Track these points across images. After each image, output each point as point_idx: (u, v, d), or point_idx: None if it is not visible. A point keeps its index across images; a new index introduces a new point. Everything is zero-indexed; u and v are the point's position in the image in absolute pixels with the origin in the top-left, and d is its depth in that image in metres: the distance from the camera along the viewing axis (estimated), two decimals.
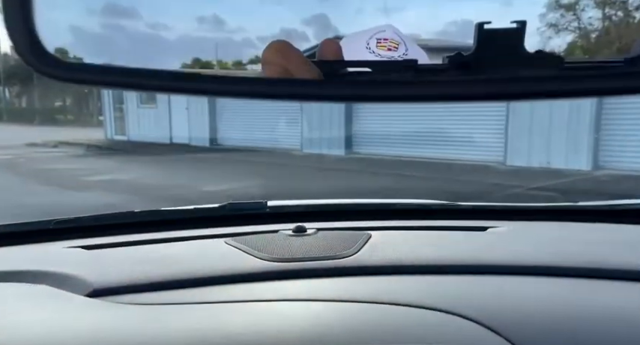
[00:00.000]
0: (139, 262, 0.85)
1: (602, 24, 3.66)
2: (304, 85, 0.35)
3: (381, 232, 1.01)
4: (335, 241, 0.94)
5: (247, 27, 5.02)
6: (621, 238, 1.02)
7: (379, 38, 1.07)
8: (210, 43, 5.93)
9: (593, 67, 0.39)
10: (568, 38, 3.92)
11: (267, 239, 0.96)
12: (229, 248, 0.93)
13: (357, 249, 0.90)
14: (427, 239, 1.00)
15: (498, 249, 0.92)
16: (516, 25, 0.35)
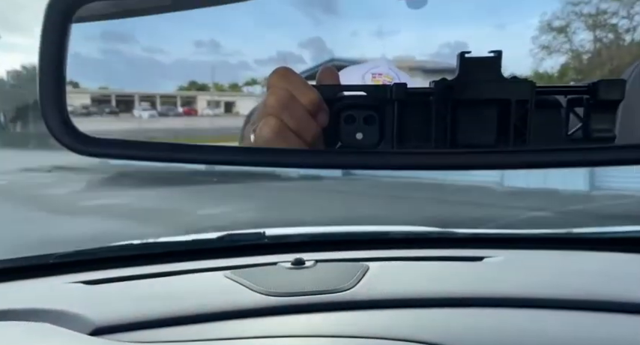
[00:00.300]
0: (139, 299, 0.86)
1: (593, 46, 3.81)
2: (302, 154, 0.39)
3: (378, 263, 1.03)
4: (333, 273, 0.96)
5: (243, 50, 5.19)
6: (617, 268, 1.04)
7: (374, 73, 1.11)
8: (207, 66, 6.04)
9: (562, 92, 0.43)
10: (561, 60, 4.07)
11: (266, 272, 0.97)
12: (229, 282, 0.94)
13: (355, 282, 0.91)
14: (424, 271, 1.01)
15: (495, 281, 0.94)
16: (493, 54, 0.39)
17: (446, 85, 0.39)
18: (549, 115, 0.42)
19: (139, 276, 1.00)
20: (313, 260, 1.03)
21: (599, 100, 0.41)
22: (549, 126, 0.42)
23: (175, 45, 1.02)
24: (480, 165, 0.39)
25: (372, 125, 0.40)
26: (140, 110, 6.25)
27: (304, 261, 1.01)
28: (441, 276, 0.97)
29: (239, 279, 0.94)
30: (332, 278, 0.93)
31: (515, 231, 1.22)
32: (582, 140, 0.43)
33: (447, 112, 0.39)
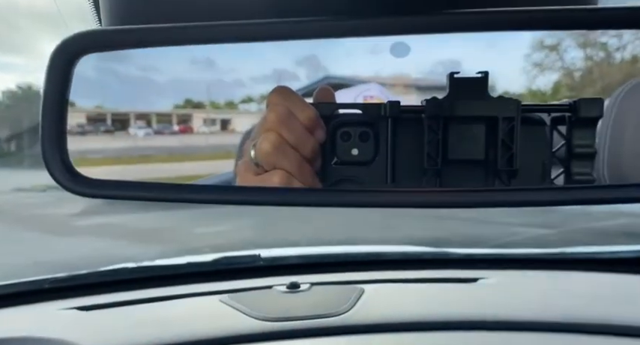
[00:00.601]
0: (133, 325, 0.86)
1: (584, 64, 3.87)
2: (303, 193, 0.40)
3: (373, 285, 1.03)
4: (328, 297, 0.96)
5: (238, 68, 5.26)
6: (611, 289, 1.05)
7: (366, 95, 1.13)
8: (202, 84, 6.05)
9: (545, 110, 0.45)
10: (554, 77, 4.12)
11: (262, 297, 0.97)
12: (224, 307, 0.94)
13: (350, 306, 0.91)
14: (419, 293, 1.01)
15: (489, 303, 0.94)
16: (481, 75, 0.42)
17: (437, 103, 0.41)
18: (534, 131, 0.44)
19: (133, 301, 0.99)
20: (308, 283, 1.03)
21: (580, 117, 0.43)
22: (535, 142, 0.43)
23: (170, 63, 1.04)
24: (470, 204, 0.40)
25: (367, 141, 0.42)
26: (136, 128, 6.26)
27: (299, 284, 1.01)
28: (436, 299, 0.97)
29: (234, 304, 0.94)
30: (327, 302, 0.93)
31: (509, 251, 1.22)
32: (568, 181, 0.45)
33: (439, 129, 0.41)
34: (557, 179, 0.46)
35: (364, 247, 1.30)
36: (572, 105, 0.44)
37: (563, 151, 0.45)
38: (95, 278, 1.08)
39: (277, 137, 0.40)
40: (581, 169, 0.44)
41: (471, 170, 0.42)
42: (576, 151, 0.44)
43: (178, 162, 5.24)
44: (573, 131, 0.44)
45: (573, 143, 0.44)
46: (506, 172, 0.42)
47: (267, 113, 0.41)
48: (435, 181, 0.42)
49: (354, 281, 1.05)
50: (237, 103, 5.40)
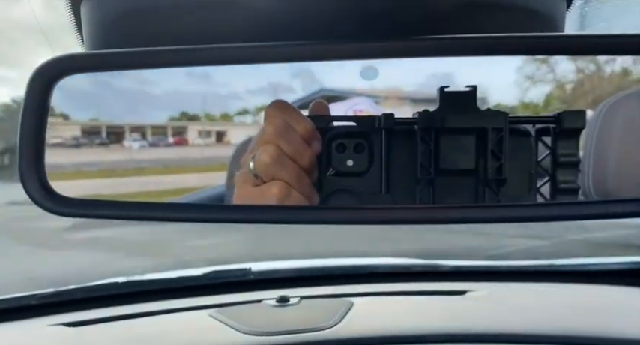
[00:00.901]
0: (122, 341, 0.86)
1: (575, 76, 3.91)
2: (297, 211, 0.41)
3: (362, 298, 1.03)
4: (318, 310, 0.96)
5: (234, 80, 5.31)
6: (602, 301, 1.05)
7: (356, 109, 1.15)
8: (197, 96, 6.06)
9: (532, 122, 0.47)
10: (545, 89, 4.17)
11: (251, 311, 0.97)
12: (213, 322, 0.94)
13: (339, 319, 0.91)
14: (407, 306, 1.02)
15: (477, 316, 0.95)
16: (469, 88, 0.43)
17: (429, 115, 0.43)
18: (521, 142, 0.45)
19: (121, 316, 0.99)
20: (298, 297, 1.03)
21: (564, 129, 0.45)
22: (521, 152, 0.45)
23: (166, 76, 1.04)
24: (464, 220, 0.41)
25: (362, 153, 0.44)
26: (130, 141, 6.26)
27: (289, 298, 1.01)
28: (424, 312, 0.97)
29: (223, 318, 0.94)
30: (316, 316, 0.93)
31: (498, 263, 1.23)
32: (553, 189, 0.47)
33: (431, 140, 0.43)
34: (542, 188, 0.48)
35: (354, 260, 1.30)
36: (557, 117, 0.46)
37: (547, 161, 0.47)
38: (83, 293, 1.08)
39: (276, 149, 0.41)
40: (566, 178, 0.46)
41: (463, 179, 0.44)
42: (561, 160, 0.46)
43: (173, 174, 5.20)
44: (558, 142, 0.46)
45: (558, 153, 0.46)
46: (496, 181, 0.44)
47: (266, 126, 0.42)
48: (428, 190, 0.44)
49: (343, 294, 1.05)
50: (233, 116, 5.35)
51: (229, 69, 0.50)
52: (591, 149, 0.63)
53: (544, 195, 0.48)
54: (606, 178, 0.62)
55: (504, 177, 0.43)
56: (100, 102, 1.71)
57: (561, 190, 0.47)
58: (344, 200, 0.45)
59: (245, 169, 0.43)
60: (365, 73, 0.42)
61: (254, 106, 2.27)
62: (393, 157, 0.44)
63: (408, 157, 0.43)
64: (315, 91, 1.45)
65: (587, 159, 0.63)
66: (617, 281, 1.13)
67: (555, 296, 1.08)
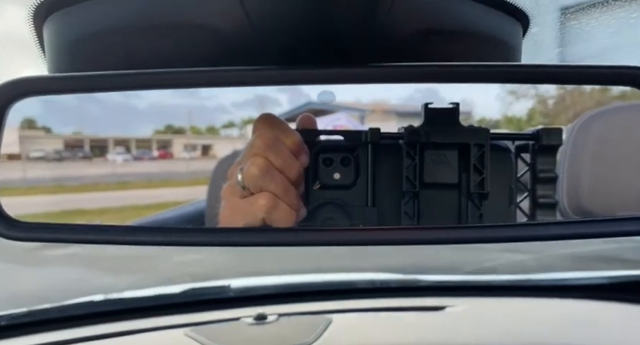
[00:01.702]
0: None
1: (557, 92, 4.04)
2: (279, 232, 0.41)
3: (341, 315, 1.03)
4: (295, 328, 0.95)
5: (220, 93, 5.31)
6: (581, 316, 1.06)
7: (335, 124, 1.17)
8: (183, 109, 6.09)
9: (512, 138, 0.49)
10: (528, 104, 4.27)
11: (228, 329, 0.96)
12: (188, 341, 0.92)
13: (317, 337, 0.90)
14: (386, 323, 1.01)
15: (455, 332, 0.95)
16: (452, 105, 0.45)
17: (413, 130, 0.44)
18: (501, 157, 0.47)
19: (98, 337, 0.97)
20: (276, 314, 1.02)
21: (542, 145, 0.47)
22: (502, 167, 0.46)
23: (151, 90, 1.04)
24: (449, 241, 0.42)
25: (348, 166, 0.44)
26: (114, 154, 6.18)
27: (267, 316, 1.00)
28: (403, 328, 0.97)
29: (199, 337, 0.92)
30: (294, 333, 0.92)
31: (477, 278, 1.23)
32: (533, 203, 0.48)
33: (416, 154, 0.44)
34: (522, 202, 0.49)
35: (333, 275, 1.29)
36: (535, 134, 0.48)
37: (526, 176, 0.48)
38: (58, 313, 1.05)
39: (264, 161, 0.42)
40: (545, 192, 0.48)
41: (446, 193, 0.45)
42: (540, 175, 0.48)
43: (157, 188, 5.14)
44: (537, 158, 0.48)
45: (537, 168, 0.48)
46: (478, 194, 0.45)
47: (254, 139, 0.43)
48: (412, 203, 0.45)
49: (322, 311, 1.05)
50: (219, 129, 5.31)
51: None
52: (565, 166, 0.64)
53: (523, 210, 0.50)
54: (580, 195, 0.63)
55: (487, 191, 0.44)
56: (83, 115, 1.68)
57: (540, 205, 0.48)
58: (330, 212, 0.45)
59: (233, 181, 0.43)
60: (322, 96, 0.43)
61: (241, 119, 2.22)
62: (378, 170, 0.44)
63: (394, 171, 0.44)
64: (302, 104, 1.46)
65: (561, 176, 0.64)
66: (596, 296, 1.14)
67: (534, 311, 1.08)
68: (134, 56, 0.40)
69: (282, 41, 0.39)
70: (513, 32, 0.46)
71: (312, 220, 0.44)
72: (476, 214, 0.45)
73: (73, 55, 0.40)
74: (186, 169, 5.73)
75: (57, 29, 0.40)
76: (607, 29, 0.55)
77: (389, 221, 0.45)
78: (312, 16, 0.37)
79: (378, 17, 0.37)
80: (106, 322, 1.03)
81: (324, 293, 1.17)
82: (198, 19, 0.37)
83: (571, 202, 0.63)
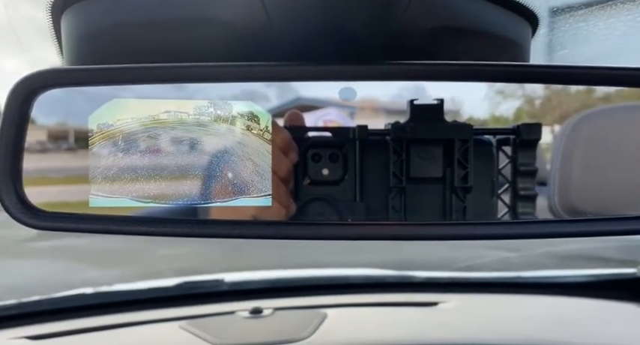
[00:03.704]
0: None
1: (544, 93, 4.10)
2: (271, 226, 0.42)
3: (336, 309, 1.03)
4: (291, 322, 0.95)
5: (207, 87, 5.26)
6: (568, 312, 1.09)
7: (325, 119, 1.17)
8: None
9: (494, 133, 0.50)
10: (515, 104, 4.34)
11: (223, 323, 0.96)
12: (184, 334, 0.92)
13: (312, 331, 0.91)
14: (380, 318, 1.02)
15: (447, 327, 0.96)
16: (437, 102, 0.46)
17: (400, 126, 0.45)
18: (484, 151, 0.48)
19: (89, 329, 0.96)
20: (271, 308, 1.02)
21: (522, 139, 0.48)
22: (484, 161, 0.48)
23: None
24: (436, 236, 0.43)
25: (337, 162, 0.45)
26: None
27: (262, 310, 1.01)
28: (396, 323, 0.98)
29: (194, 330, 0.92)
30: (289, 327, 0.93)
31: (468, 275, 1.25)
32: (513, 195, 0.49)
33: (402, 150, 0.45)
34: (503, 194, 0.50)
35: (327, 271, 1.30)
36: (516, 129, 0.49)
37: (507, 170, 0.50)
38: (48, 305, 1.04)
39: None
40: (526, 185, 0.49)
41: (432, 187, 0.46)
42: (521, 169, 0.49)
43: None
44: (518, 152, 0.49)
45: (518, 162, 0.49)
46: (462, 188, 0.46)
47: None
48: (399, 197, 0.46)
49: (317, 306, 1.05)
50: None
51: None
52: (557, 166, 0.66)
53: (505, 202, 0.51)
54: (570, 195, 0.65)
55: (470, 184, 0.46)
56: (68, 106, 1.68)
57: (521, 197, 0.50)
58: (320, 208, 0.46)
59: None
60: (343, 93, 0.43)
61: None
62: (366, 166, 0.45)
63: (381, 166, 0.45)
64: (291, 100, 1.46)
65: (553, 175, 0.66)
66: (580, 293, 1.16)
67: (521, 307, 1.10)
68: (151, 50, 0.40)
69: (298, 38, 0.39)
70: (523, 32, 0.47)
71: (302, 216, 0.45)
72: (460, 207, 0.46)
73: (91, 48, 0.40)
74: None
75: (74, 22, 0.40)
76: (614, 32, 0.57)
77: (377, 215, 0.46)
78: (329, 14, 0.38)
79: (394, 15, 0.38)
80: (97, 315, 1.03)
81: (319, 288, 1.18)
82: (217, 14, 0.38)
83: (562, 201, 0.65)
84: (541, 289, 1.18)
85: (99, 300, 1.08)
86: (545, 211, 0.68)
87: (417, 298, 1.11)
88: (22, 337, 0.91)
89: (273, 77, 0.40)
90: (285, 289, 1.19)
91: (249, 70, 0.38)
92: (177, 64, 0.37)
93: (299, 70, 0.39)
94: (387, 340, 0.89)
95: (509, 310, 1.09)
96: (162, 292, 1.13)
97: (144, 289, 1.13)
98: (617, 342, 0.91)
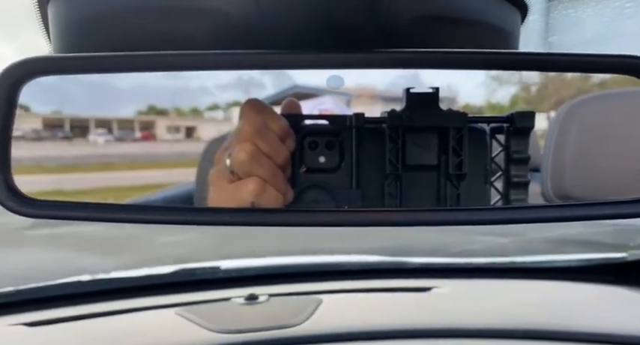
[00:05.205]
0: (86, 341, 0.84)
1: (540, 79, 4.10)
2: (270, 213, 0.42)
3: (331, 295, 1.05)
4: (286, 308, 0.97)
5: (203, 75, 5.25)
6: (560, 296, 1.10)
7: (321, 108, 1.17)
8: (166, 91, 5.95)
9: (488, 121, 0.50)
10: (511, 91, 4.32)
11: (219, 309, 0.97)
12: (180, 320, 0.93)
13: (307, 316, 0.92)
14: (374, 303, 1.04)
15: (441, 312, 0.98)
16: (432, 90, 0.47)
17: (396, 115, 0.46)
18: (478, 139, 0.49)
19: (86, 316, 0.97)
20: (267, 295, 1.03)
21: (516, 128, 0.49)
22: (478, 149, 0.48)
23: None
24: (431, 222, 0.44)
25: (333, 150, 0.46)
26: (95, 135, 6.05)
27: (257, 296, 1.02)
28: (391, 308, 1.00)
29: (190, 316, 0.93)
30: (284, 313, 0.94)
31: (461, 260, 1.27)
32: (506, 182, 0.50)
33: (398, 138, 0.45)
34: (496, 181, 0.51)
35: (323, 258, 1.31)
36: (510, 117, 0.49)
37: (500, 157, 0.50)
38: (46, 292, 1.05)
39: (253, 147, 0.43)
40: (518, 172, 0.50)
41: (427, 174, 0.47)
42: (514, 156, 0.50)
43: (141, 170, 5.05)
44: (511, 140, 0.50)
45: (511, 150, 0.49)
46: (456, 175, 0.47)
47: (242, 125, 0.44)
48: (395, 184, 0.46)
49: (312, 292, 1.06)
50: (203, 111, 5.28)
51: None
52: (550, 152, 0.66)
53: (498, 189, 0.52)
54: (564, 180, 0.65)
55: (464, 172, 0.46)
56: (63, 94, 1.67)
57: (513, 184, 0.51)
58: (317, 195, 0.46)
59: (221, 166, 0.44)
60: (331, 80, 0.43)
61: (225, 102, 2.18)
62: (362, 153, 0.46)
63: (377, 154, 0.45)
64: (288, 87, 1.46)
65: (546, 161, 0.66)
66: (573, 277, 1.18)
67: (515, 291, 1.12)
68: (141, 38, 0.40)
69: (289, 26, 0.39)
70: (512, 20, 0.47)
71: (299, 203, 0.46)
72: (454, 194, 0.47)
73: (80, 35, 0.40)
74: (171, 151, 5.64)
75: (62, 8, 0.40)
76: (602, 18, 0.57)
77: (373, 202, 0.46)
78: (318, 2, 0.37)
79: (382, 3, 0.38)
80: (94, 302, 1.04)
81: (314, 274, 1.19)
82: (206, 2, 0.38)
83: (554, 186, 0.65)
84: (533, 274, 1.19)
85: (96, 287, 1.09)
86: (538, 196, 0.69)
87: (411, 284, 1.13)
88: (19, 324, 0.92)
89: (263, 65, 0.40)
90: (281, 275, 1.21)
91: (239, 58, 0.39)
92: (169, 52, 0.37)
93: (289, 58, 0.39)
94: (382, 324, 0.90)
95: (502, 295, 1.10)
96: (158, 280, 1.14)
97: (140, 277, 1.13)
98: (607, 325, 0.92)
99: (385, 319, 0.93)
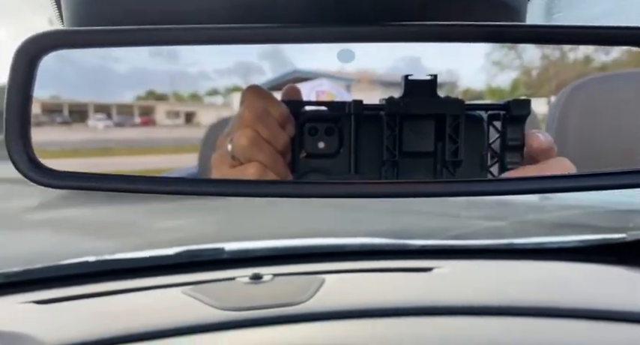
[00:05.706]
0: (95, 317, 0.86)
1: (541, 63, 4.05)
2: (277, 184, 0.44)
3: (334, 275, 1.07)
4: (290, 287, 0.99)
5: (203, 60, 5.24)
6: (556, 276, 1.12)
7: (318, 90, 1.17)
8: (165, 75, 5.92)
9: (485, 108, 0.51)
10: (512, 75, 4.29)
11: (224, 288, 0.99)
12: (186, 298, 0.95)
13: (311, 295, 0.94)
14: (376, 282, 1.06)
15: (441, 291, 1.00)
16: (431, 77, 0.47)
17: (394, 102, 0.47)
18: (475, 126, 0.50)
19: (94, 294, 0.99)
20: (271, 274, 1.05)
21: (512, 115, 0.50)
22: (475, 136, 0.49)
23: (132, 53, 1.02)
24: (427, 194, 0.45)
25: (332, 135, 0.47)
26: (95, 120, 6.05)
27: (262, 275, 1.03)
28: (393, 287, 1.02)
29: (196, 295, 0.95)
30: (289, 292, 0.96)
31: (461, 242, 1.29)
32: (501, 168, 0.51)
33: (396, 125, 0.46)
34: (492, 167, 0.52)
35: (326, 240, 1.33)
36: (506, 104, 0.50)
37: (496, 144, 0.51)
38: (53, 272, 1.07)
39: (253, 133, 0.44)
40: (513, 159, 0.51)
41: (423, 161, 0.47)
42: (509, 143, 0.50)
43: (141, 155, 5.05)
44: (507, 127, 0.50)
45: (507, 137, 0.50)
46: (452, 162, 0.48)
47: (243, 111, 0.45)
48: (392, 170, 0.47)
49: (315, 272, 1.08)
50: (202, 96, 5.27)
51: (198, 48, 0.52)
52: (552, 134, 0.67)
53: (494, 174, 0.53)
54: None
55: (460, 159, 0.47)
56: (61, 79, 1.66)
57: (508, 170, 0.52)
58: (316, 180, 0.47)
59: (222, 150, 0.45)
60: (341, 55, 0.44)
61: (224, 87, 2.21)
62: (361, 140, 0.47)
63: (375, 140, 0.46)
64: (287, 72, 1.45)
65: None
66: (569, 258, 1.20)
67: (513, 272, 1.14)
68: (149, 12, 0.40)
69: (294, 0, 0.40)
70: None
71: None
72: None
73: (93, 11, 0.41)
74: (170, 136, 5.65)
75: None
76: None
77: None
78: None
79: None
80: (104, 281, 1.05)
81: (317, 255, 1.21)
82: None
83: None
84: (531, 255, 1.21)
85: (103, 267, 1.11)
86: None
87: (412, 264, 1.15)
88: (29, 302, 0.94)
89: (269, 39, 0.41)
90: (284, 256, 1.22)
91: (247, 32, 0.39)
92: (186, 26, 0.38)
93: (296, 32, 0.40)
94: (383, 303, 0.92)
95: (502, 274, 1.12)
96: (165, 261, 1.16)
97: (147, 257, 1.15)
98: (606, 303, 0.95)
99: (387, 297, 0.95)
